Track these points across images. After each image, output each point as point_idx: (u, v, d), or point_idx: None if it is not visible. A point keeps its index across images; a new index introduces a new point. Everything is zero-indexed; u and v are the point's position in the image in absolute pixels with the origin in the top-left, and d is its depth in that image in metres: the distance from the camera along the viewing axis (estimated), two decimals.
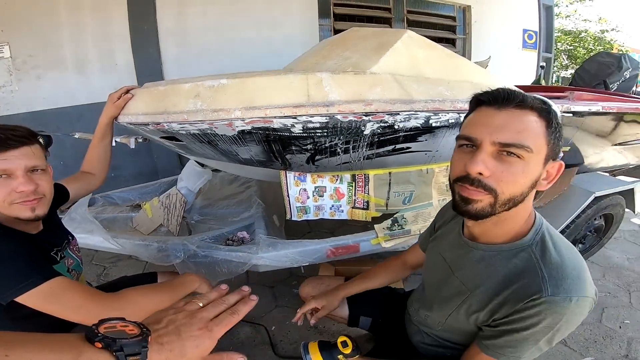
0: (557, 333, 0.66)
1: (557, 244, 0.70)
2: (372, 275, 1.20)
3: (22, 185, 0.85)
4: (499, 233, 0.73)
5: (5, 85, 3.21)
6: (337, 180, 1.51)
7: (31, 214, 0.88)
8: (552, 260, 0.66)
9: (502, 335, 0.70)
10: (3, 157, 0.83)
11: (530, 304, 0.65)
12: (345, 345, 0.96)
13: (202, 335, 0.51)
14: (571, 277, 0.64)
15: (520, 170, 0.63)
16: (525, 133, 0.62)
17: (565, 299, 0.62)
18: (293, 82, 1.15)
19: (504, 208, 0.66)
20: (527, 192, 0.65)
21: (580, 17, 13.36)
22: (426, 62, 1.37)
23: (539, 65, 5.57)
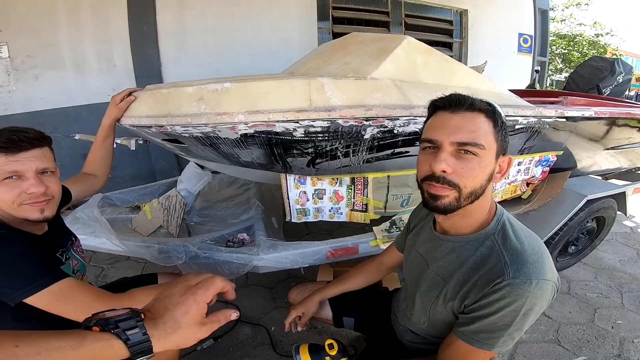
0: (524, 318, 0.70)
1: (518, 232, 0.76)
2: (348, 277, 1.24)
3: (33, 186, 0.86)
4: (465, 225, 0.80)
5: (3, 85, 3.20)
6: (336, 183, 1.53)
7: (40, 215, 0.89)
8: (512, 246, 0.73)
9: (474, 322, 0.74)
10: (14, 158, 0.84)
11: (495, 288, 0.70)
12: (331, 347, 1.02)
13: (186, 299, 0.53)
14: (531, 261, 0.70)
15: (477, 166, 0.71)
16: (478, 132, 0.71)
17: (526, 281, 0.68)
18: (295, 87, 1.17)
19: (467, 201, 0.73)
20: (485, 185, 0.74)
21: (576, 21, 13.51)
22: (424, 68, 1.40)
23: (533, 69, 5.63)
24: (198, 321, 0.53)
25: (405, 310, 1.03)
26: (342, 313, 1.24)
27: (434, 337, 0.94)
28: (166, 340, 0.50)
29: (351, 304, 1.24)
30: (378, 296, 1.26)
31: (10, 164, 0.84)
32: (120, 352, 0.47)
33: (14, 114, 3.24)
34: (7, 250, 0.80)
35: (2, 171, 0.84)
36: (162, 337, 0.50)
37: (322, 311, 1.23)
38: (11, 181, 0.85)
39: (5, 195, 0.85)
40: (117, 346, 0.47)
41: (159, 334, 0.49)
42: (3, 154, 0.84)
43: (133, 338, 0.48)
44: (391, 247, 1.20)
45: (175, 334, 0.51)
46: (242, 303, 1.93)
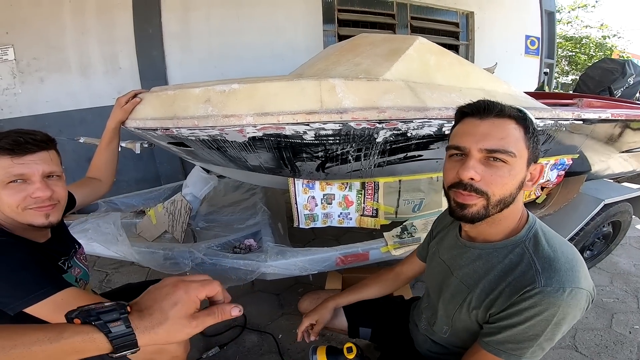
0: (556, 328, 0.67)
1: (551, 239, 0.73)
2: (364, 286, 1.20)
3: (39, 190, 0.83)
4: (494, 232, 0.77)
5: (8, 87, 3.19)
6: (346, 188, 1.49)
7: (45, 221, 0.86)
8: (545, 254, 0.70)
9: (501, 331, 0.71)
10: (20, 161, 0.82)
11: (524, 296, 0.67)
12: (350, 351, 1.01)
13: (176, 290, 0.49)
14: (564, 269, 0.67)
15: (506, 173, 0.69)
16: (507, 139, 0.69)
17: (558, 289, 0.65)
18: (306, 88, 1.13)
19: (496, 209, 0.71)
20: (515, 193, 0.71)
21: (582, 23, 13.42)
22: (437, 69, 1.36)
23: (541, 71, 5.58)
24: (188, 314, 0.49)
25: (428, 319, 0.99)
26: (359, 323, 1.19)
27: (455, 347, 0.91)
28: (152, 333, 0.47)
29: (368, 313, 1.19)
30: (395, 305, 1.22)
31: (15, 166, 0.81)
32: (103, 346, 0.45)
33: (20, 116, 3.24)
34: (7, 258, 0.77)
35: (7, 174, 0.81)
36: (148, 329, 0.47)
37: (335, 320, 1.18)
38: (16, 185, 0.82)
39: (9, 199, 0.82)
40: (99, 339, 0.45)
41: (144, 325, 0.47)
42: (9, 156, 0.81)
43: (115, 331, 0.45)
44: (412, 257, 1.15)
45: (162, 326, 0.47)
46: (248, 310, 1.89)
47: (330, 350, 1.05)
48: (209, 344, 1.66)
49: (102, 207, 2.11)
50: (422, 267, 1.10)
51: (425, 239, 1.09)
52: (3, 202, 0.82)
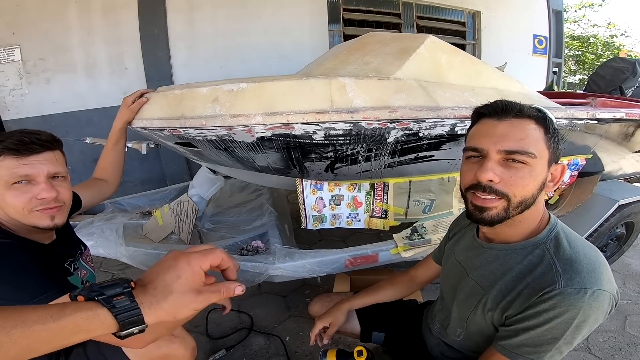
0: (577, 330, 0.65)
1: (573, 241, 0.71)
2: (379, 289, 1.18)
3: (44, 191, 0.82)
4: (513, 233, 0.75)
5: (15, 88, 3.21)
6: (355, 189, 1.47)
7: (50, 223, 0.85)
8: (566, 255, 0.68)
9: (517, 334, 0.69)
10: (25, 161, 0.80)
11: (543, 297, 0.65)
12: (360, 354, 0.99)
13: (177, 263, 0.47)
14: (586, 271, 0.64)
15: (527, 175, 0.67)
16: (527, 140, 0.67)
17: (579, 291, 0.63)
18: (315, 87, 1.11)
19: (517, 211, 0.69)
20: (536, 194, 0.69)
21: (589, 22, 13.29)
22: (449, 68, 1.34)
23: (549, 70, 5.52)
24: (193, 288, 0.47)
25: (441, 322, 0.97)
26: (372, 327, 1.17)
27: (469, 351, 0.89)
28: (157, 308, 0.45)
29: (382, 317, 1.16)
30: (409, 309, 1.19)
31: (21, 167, 0.80)
32: (108, 322, 0.42)
33: (27, 117, 3.25)
34: (12, 261, 0.75)
35: (12, 175, 0.79)
36: (153, 303, 0.44)
37: (348, 324, 1.15)
38: (21, 185, 0.81)
39: (15, 201, 0.80)
40: (103, 315, 0.42)
41: (148, 300, 0.45)
42: (14, 157, 0.79)
43: (119, 305, 0.43)
44: (427, 260, 1.13)
45: (167, 300, 0.45)
46: (255, 312, 1.88)
47: (340, 354, 1.04)
48: (215, 346, 1.65)
49: (108, 208, 2.10)
50: (438, 271, 1.08)
51: (442, 241, 1.06)
52: (8, 203, 0.81)
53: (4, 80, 3.18)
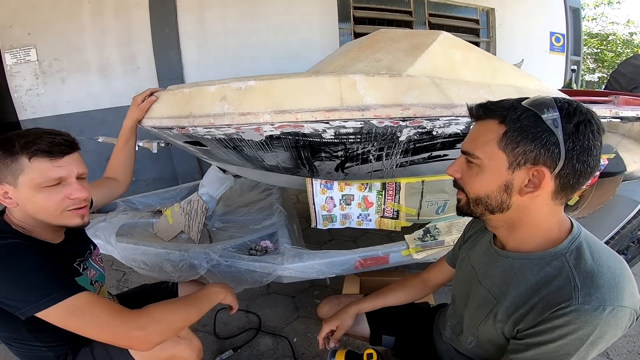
0: (591, 347, 0.61)
1: (597, 253, 0.66)
2: (389, 292, 1.14)
3: (77, 191, 0.83)
4: (521, 240, 0.72)
5: (32, 88, 3.27)
6: (366, 189, 1.44)
7: (81, 222, 0.87)
8: (587, 269, 0.63)
9: (529, 349, 0.66)
10: (59, 163, 0.81)
11: (558, 313, 0.62)
12: (370, 357, 0.98)
13: None
14: (607, 286, 0.60)
15: (474, 174, 0.69)
16: (476, 142, 0.68)
17: (597, 307, 0.59)
18: (325, 85, 1.08)
19: (479, 209, 0.71)
20: (497, 197, 0.67)
21: (607, 19, 12.95)
22: (464, 65, 1.29)
23: (567, 68, 5.38)
24: None
25: (452, 328, 0.94)
26: (382, 331, 1.14)
27: (479, 358, 0.86)
28: None
29: (392, 321, 1.13)
30: (421, 313, 1.16)
31: (55, 169, 0.80)
32: None
33: (43, 117, 3.31)
34: (20, 262, 0.75)
35: (47, 178, 0.79)
36: None
37: (357, 327, 1.13)
38: (53, 187, 0.81)
39: (47, 203, 0.80)
40: None
41: None
42: (47, 159, 0.79)
43: None
44: (441, 262, 1.09)
45: None
46: (263, 312, 1.87)
47: (349, 355, 1.02)
48: (222, 346, 1.64)
49: (120, 207, 2.12)
50: (451, 274, 1.04)
51: (457, 244, 1.03)
52: (38, 205, 0.80)
53: (20, 81, 3.24)
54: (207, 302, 1.00)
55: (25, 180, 0.79)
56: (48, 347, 0.91)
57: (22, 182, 0.79)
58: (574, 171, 0.62)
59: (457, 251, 1.00)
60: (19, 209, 0.82)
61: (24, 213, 0.83)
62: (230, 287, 1.12)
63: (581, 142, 0.60)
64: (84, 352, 0.95)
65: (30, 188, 0.79)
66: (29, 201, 0.80)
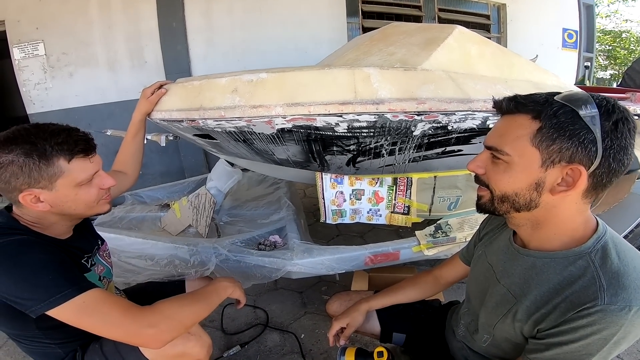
0: (614, 347, 0.60)
1: (623, 252, 0.64)
2: (400, 289, 1.13)
3: (108, 180, 0.88)
4: (545, 238, 0.70)
5: (40, 82, 3.28)
6: (376, 184, 1.42)
7: (109, 208, 0.94)
8: (613, 269, 0.62)
9: (549, 348, 0.65)
10: (93, 159, 0.85)
11: (582, 313, 0.60)
12: (380, 356, 0.97)
13: None
14: (634, 287, 0.59)
15: (502, 171, 0.66)
16: (505, 137, 0.65)
17: (624, 308, 0.58)
18: (338, 77, 1.06)
19: (503, 207, 0.69)
20: (527, 195, 0.65)
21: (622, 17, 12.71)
22: (480, 59, 1.27)
23: (580, 65, 5.28)
24: None
25: (467, 326, 0.93)
26: (393, 328, 1.12)
27: (494, 357, 0.84)
28: None
29: (403, 318, 1.12)
30: (433, 310, 1.14)
31: (91, 165, 0.84)
32: None
33: (51, 110, 3.32)
34: (29, 258, 0.74)
35: (87, 175, 0.83)
36: None
37: (367, 324, 1.11)
38: (92, 181, 0.85)
39: (89, 196, 0.85)
40: None
41: None
42: (86, 157, 0.83)
43: None
44: (454, 259, 1.07)
45: None
46: (270, 308, 1.86)
47: (360, 353, 1.00)
48: (230, 342, 1.63)
49: (128, 200, 2.13)
50: (465, 272, 1.02)
51: (471, 241, 1.01)
52: (81, 200, 0.84)
53: (29, 75, 3.25)
54: (216, 297, 1.00)
55: (66, 181, 0.80)
56: (57, 344, 0.91)
57: (62, 183, 0.79)
58: (609, 170, 0.60)
59: (472, 248, 0.98)
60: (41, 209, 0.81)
61: (51, 213, 0.82)
62: (237, 282, 1.12)
63: (619, 141, 0.58)
64: (93, 348, 0.95)
65: (71, 187, 0.81)
66: (69, 199, 0.82)
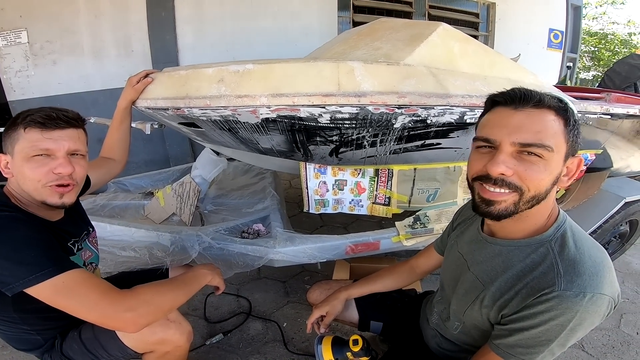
0: (571, 333, 0.64)
1: (580, 240, 0.68)
2: (377, 278, 1.16)
3: (61, 166, 0.82)
4: (518, 229, 0.72)
5: (21, 70, 3.21)
6: (359, 174, 1.45)
7: (58, 201, 0.85)
8: (570, 256, 0.65)
9: (512, 334, 0.68)
10: (49, 135, 0.81)
11: (541, 299, 0.64)
12: (355, 344, 0.99)
13: None
14: (588, 274, 0.62)
15: (542, 169, 0.63)
16: (545, 132, 0.62)
17: (578, 294, 0.61)
18: (323, 70, 1.09)
19: (527, 206, 0.66)
20: (549, 189, 0.66)
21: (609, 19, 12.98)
22: (462, 56, 1.30)
23: (563, 65, 5.41)
24: None
25: (439, 314, 0.96)
26: (371, 316, 1.16)
27: (465, 344, 0.88)
28: None
29: (381, 307, 1.15)
30: (409, 299, 1.18)
31: (44, 141, 0.81)
32: None
33: (32, 98, 3.25)
34: (13, 235, 0.74)
35: (34, 147, 0.80)
36: None
37: (346, 312, 1.15)
38: (40, 158, 0.81)
39: (32, 173, 0.81)
40: None
41: None
42: (39, 130, 0.80)
43: None
44: (428, 250, 1.11)
45: None
46: (254, 297, 1.88)
47: (336, 341, 1.04)
48: (212, 330, 1.65)
49: (111, 188, 2.11)
50: (439, 261, 1.06)
51: (445, 231, 1.04)
52: (25, 175, 0.81)
53: (10, 62, 3.18)
54: (195, 284, 1.00)
55: (18, 149, 0.80)
56: (36, 330, 0.91)
57: (16, 151, 0.80)
58: None
59: (446, 238, 1.01)
60: (14, 181, 0.83)
61: (19, 186, 0.83)
62: (217, 268, 1.13)
63: None
64: (72, 336, 0.95)
65: (21, 157, 0.80)
66: (19, 171, 0.81)
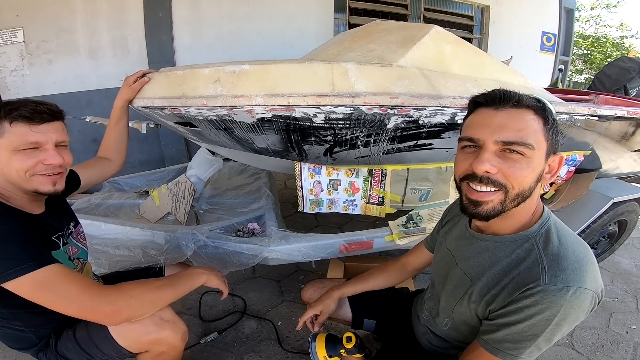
0: (556, 328, 0.65)
1: (563, 236, 0.70)
2: (370, 277, 1.17)
3: (52, 157, 0.85)
4: (505, 226, 0.74)
5: (17, 69, 3.20)
6: (353, 174, 1.47)
7: (52, 188, 0.87)
8: (553, 251, 0.67)
9: (499, 329, 0.69)
10: (37, 129, 0.83)
11: (526, 293, 0.65)
12: (349, 341, 0.99)
13: None
14: (571, 268, 0.64)
15: (525, 166, 0.65)
16: (526, 131, 0.65)
17: (562, 288, 0.62)
18: (318, 71, 1.11)
19: (513, 204, 0.67)
20: (533, 186, 0.67)
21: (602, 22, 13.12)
22: (453, 58, 1.34)
23: (555, 68, 5.48)
24: None
25: (430, 310, 0.98)
26: (364, 314, 1.17)
27: (455, 341, 0.89)
28: None
29: (373, 305, 1.17)
30: (401, 297, 1.20)
31: (32, 134, 0.82)
32: None
33: (26, 97, 3.22)
34: None
35: (23, 141, 0.82)
36: None
37: (339, 310, 1.16)
38: (30, 151, 0.83)
39: (20, 165, 0.82)
40: None
41: None
42: (27, 124, 0.82)
43: None
44: (419, 247, 1.12)
45: None
46: (248, 296, 1.89)
47: (329, 339, 1.05)
48: (207, 329, 1.66)
49: (106, 187, 2.11)
50: (429, 259, 1.08)
51: (435, 228, 1.06)
52: (12, 167, 0.82)
53: (5, 61, 3.17)
54: (186, 284, 0.99)
55: (5, 143, 0.81)
56: (28, 327, 0.91)
57: (2, 144, 0.81)
58: None
59: (436, 235, 1.03)
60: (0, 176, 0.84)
61: (4, 178, 0.84)
62: (217, 272, 1.11)
63: None
64: (66, 335, 0.95)
65: (8, 151, 0.81)
66: (6, 164, 0.82)
